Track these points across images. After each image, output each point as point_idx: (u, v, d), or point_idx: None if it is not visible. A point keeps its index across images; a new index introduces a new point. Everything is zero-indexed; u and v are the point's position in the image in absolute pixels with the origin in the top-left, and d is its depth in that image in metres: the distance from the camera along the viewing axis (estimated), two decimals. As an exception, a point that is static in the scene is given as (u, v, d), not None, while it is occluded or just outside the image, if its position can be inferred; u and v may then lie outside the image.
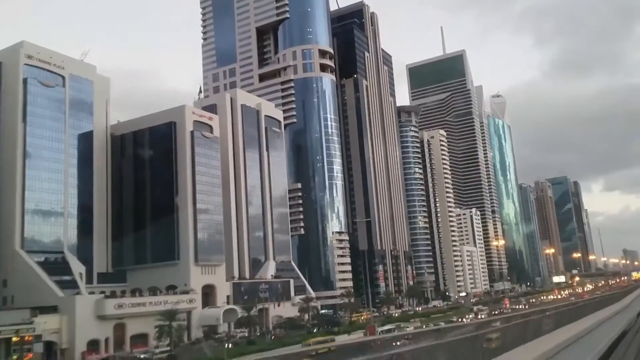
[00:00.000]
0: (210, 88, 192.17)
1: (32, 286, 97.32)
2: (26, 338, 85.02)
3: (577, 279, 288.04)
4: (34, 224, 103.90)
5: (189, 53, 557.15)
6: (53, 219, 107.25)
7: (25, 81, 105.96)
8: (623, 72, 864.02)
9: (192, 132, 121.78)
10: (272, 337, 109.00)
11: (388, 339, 17.95)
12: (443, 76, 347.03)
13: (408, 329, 79.59)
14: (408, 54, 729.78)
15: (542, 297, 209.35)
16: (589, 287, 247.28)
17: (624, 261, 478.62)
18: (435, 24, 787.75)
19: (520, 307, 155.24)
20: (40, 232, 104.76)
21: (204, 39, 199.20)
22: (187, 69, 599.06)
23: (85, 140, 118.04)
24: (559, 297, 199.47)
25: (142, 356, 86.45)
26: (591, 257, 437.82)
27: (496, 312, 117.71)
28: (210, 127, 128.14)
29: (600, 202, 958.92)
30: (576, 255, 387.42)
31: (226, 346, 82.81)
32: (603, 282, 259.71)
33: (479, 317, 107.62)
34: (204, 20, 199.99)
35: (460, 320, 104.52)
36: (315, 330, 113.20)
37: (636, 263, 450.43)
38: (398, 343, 15.96)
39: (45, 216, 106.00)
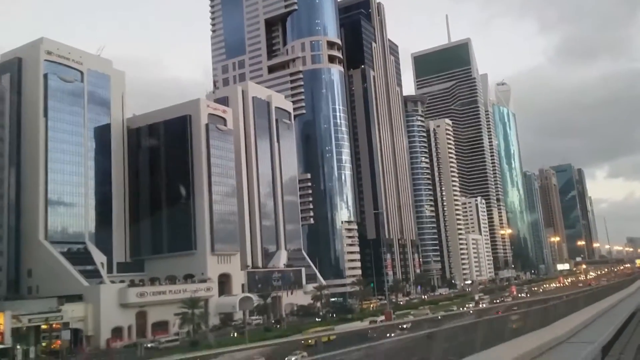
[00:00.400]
0: (220, 79, 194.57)
1: (56, 276, 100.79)
2: (54, 326, 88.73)
3: (583, 266, 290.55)
4: (57, 215, 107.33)
5: (191, 42, 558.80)
6: (74, 211, 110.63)
7: (45, 77, 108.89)
8: (627, 58, 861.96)
9: (207, 125, 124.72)
10: (278, 325, 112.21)
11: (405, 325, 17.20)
12: (448, 65, 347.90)
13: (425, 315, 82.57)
14: (412, 41, 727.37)
15: (545, 285, 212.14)
16: (592, 274, 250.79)
17: (628, 248, 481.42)
18: (439, 11, 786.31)
19: (522, 295, 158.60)
20: (62, 224, 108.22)
21: (213, 31, 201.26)
22: (190, 58, 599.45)
23: (103, 134, 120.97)
24: (564, 284, 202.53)
25: (148, 345, 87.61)
26: (595, 245, 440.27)
27: (497, 301, 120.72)
28: (224, 119, 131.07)
29: (604, 188, 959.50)
30: (580, 243, 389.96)
31: (246, 332, 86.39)
32: (606, 269, 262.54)
33: (481, 305, 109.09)
34: (212, 12, 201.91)
35: (460, 309, 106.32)
36: (328, 317, 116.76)
37: (639, 250, 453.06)
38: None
39: (67, 208, 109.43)
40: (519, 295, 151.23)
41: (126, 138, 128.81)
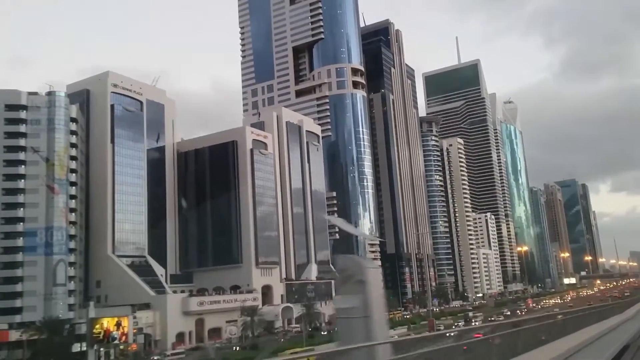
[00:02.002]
0: (250, 102, 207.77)
1: (124, 286, 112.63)
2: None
3: (597, 281, 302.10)
4: (122, 231, 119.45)
5: (197, 54, 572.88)
6: (136, 227, 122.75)
7: (112, 107, 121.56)
8: (632, 73, 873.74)
9: (251, 150, 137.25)
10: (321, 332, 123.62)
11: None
12: (458, 84, 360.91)
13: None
14: (421, 59, 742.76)
15: (552, 300, 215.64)
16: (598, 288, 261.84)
17: (632, 263, 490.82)
18: (445, 27, 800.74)
19: (537, 307, 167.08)
20: (126, 239, 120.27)
21: (243, 57, 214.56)
22: (197, 70, 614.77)
23: (158, 157, 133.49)
24: (570, 298, 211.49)
25: (155, 358, 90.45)
26: (601, 260, 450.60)
27: (492, 319, 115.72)
28: (265, 144, 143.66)
29: (607, 203, 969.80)
30: (587, 258, 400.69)
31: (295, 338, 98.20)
32: (615, 283, 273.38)
33: (473, 323, 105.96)
34: (242, 39, 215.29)
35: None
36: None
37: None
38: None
39: (130, 224, 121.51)
40: (534, 307, 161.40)
41: (176, 161, 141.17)
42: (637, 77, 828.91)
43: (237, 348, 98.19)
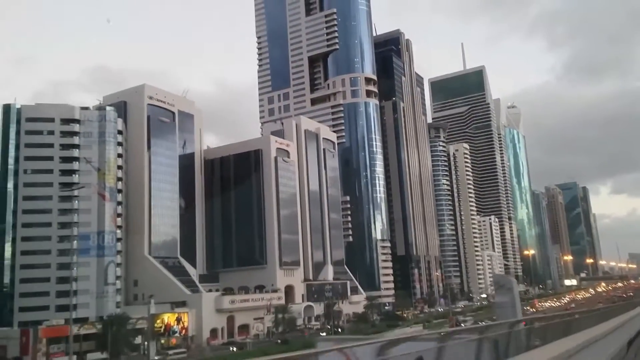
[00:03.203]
0: (266, 110, 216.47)
1: (160, 285, 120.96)
2: (167, 326, 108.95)
3: (602, 283, 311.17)
4: (157, 234, 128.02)
5: (199, 55, 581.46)
6: (169, 230, 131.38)
7: (148, 118, 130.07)
8: (634, 75, 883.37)
9: (275, 158, 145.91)
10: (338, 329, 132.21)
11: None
12: (463, 90, 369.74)
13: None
14: (422, 61, 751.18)
15: (560, 301, 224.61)
16: (599, 289, 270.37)
17: (631, 265, 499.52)
18: (449, 30, 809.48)
19: (545, 305, 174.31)
20: (161, 241, 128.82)
21: (259, 65, 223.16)
22: (199, 70, 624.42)
23: (187, 164, 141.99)
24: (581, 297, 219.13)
25: (156, 358, 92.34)
26: (602, 262, 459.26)
27: (483, 322, 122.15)
28: (288, 152, 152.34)
29: (607, 204, 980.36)
30: (588, 260, 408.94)
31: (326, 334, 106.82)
32: (616, 284, 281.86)
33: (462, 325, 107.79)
34: (259, 48, 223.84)
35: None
36: (378, 324, 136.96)
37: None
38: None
39: (164, 227, 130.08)
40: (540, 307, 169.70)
41: (203, 168, 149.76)
42: (637, 79, 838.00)
43: (276, 342, 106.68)
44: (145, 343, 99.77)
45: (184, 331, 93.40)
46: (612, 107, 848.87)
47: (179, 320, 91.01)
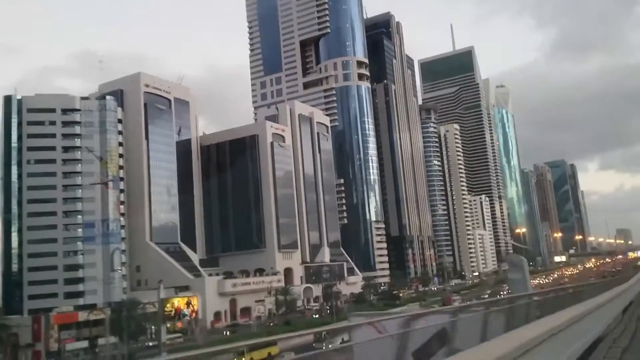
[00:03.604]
0: (258, 94, 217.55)
1: (162, 270, 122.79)
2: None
3: (592, 259, 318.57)
4: (158, 220, 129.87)
5: (188, 39, 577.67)
6: (169, 216, 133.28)
7: (145, 106, 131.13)
8: (621, 52, 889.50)
9: (271, 143, 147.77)
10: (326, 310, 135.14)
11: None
12: (453, 71, 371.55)
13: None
14: (411, 41, 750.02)
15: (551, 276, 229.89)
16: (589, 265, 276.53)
17: (619, 240, 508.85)
18: (437, 9, 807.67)
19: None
20: (162, 227, 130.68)
21: (251, 50, 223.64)
22: (187, 55, 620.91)
23: (184, 151, 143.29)
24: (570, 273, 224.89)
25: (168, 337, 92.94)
26: (590, 238, 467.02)
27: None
28: (283, 137, 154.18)
29: (595, 181, 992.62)
30: (577, 237, 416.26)
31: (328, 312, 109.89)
32: (604, 260, 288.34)
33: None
34: (250, 33, 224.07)
35: None
36: (376, 303, 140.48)
37: (630, 242, 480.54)
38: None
39: (164, 213, 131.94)
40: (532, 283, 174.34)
41: (199, 154, 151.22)
42: (627, 56, 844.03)
43: (272, 324, 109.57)
44: (152, 327, 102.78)
45: (194, 314, 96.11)
46: (599, 84, 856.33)
47: (188, 304, 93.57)
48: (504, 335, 11.39)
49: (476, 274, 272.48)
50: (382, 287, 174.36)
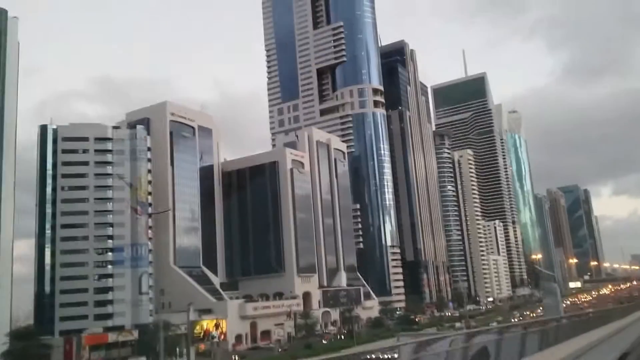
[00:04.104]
0: (276, 120, 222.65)
1: (185, 294, 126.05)
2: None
3: (609, 285, 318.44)
4: (181, 244, 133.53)
5: (203, 64, 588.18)
6: (192, 241, 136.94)
7: (171, 134, 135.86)
8: (633, 76, 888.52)
9: (291, 170, 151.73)
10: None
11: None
12: (465, 96, 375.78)
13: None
14: (424, 65, 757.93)
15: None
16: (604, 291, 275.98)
17: (634, 267, 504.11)
18: (449, 34, 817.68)
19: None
20: (185, 251, 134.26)
21: (269, 77, 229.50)
22: (199, 79, 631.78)
23: (207, 177, 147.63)
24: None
25: None
26: (605, 264, 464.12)
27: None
28: (302, 163, 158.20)
29: (608, 206, 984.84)
30: (592, 263, 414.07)
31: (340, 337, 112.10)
32: (621, 286, 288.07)
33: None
34: (268, 60, 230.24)
35: None
36: (393, 328, 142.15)
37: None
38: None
39: (188, 237, 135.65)
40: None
41: (221, 179, 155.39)
42: (638, 79, 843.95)
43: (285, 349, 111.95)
44: (177, 349, 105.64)
45: (222, 336, 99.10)
46: (612, 108, 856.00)
47: (217, 326, 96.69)
48: (559, 345, 14.48)
49: (490, 299, 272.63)
50: (397, 312, 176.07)
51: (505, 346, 15.97)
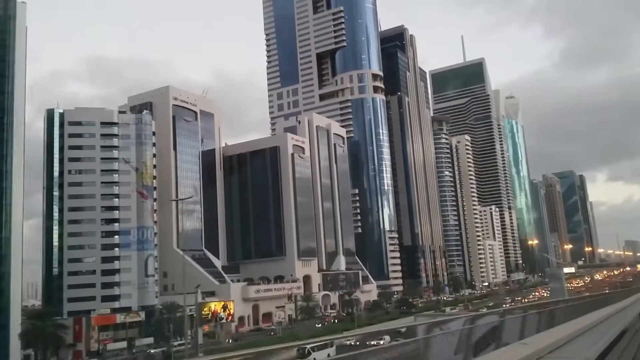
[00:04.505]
0: (275, 105, 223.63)
1: (188, 276, 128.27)
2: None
3: (604, 271, 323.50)
4: (184, 228, 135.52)
5: (196, 45, 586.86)
6: (194, 224, 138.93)
7: (174, 118, 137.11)
8: (630, 63, 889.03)
9: (292, 155, 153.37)
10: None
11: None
12: (464, 82, 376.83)
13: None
14: (422, 51, 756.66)
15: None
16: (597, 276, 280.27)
17: (627, 252, 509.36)
18: (447, 19, 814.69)
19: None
20: (187, 235, 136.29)
21: (269, 62, 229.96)
22: (196, 60, 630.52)
23: (208, 161, 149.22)
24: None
25: (151, 351, 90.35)
26: (600, 250, 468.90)
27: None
28: (303, 148, 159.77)
29: (604, 192, 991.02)
30: (587, 248, 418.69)
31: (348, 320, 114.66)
32: (615, 272, 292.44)
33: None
34: (268, 45, 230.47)
35: None
36: (392, 311, 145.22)
37: (639, 254, 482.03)
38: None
39: (190, 221, 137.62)
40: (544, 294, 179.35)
41: (222, 164, 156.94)
42: (634, 67, 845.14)
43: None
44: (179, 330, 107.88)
45: (229, 317, 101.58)
46: (608, 94, 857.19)
47: (225, 307, 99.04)
48: (562, 326, 16.51)
49: (486, 284, 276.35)
50: (395, 296, 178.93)
51: (520, 324, 17.71)
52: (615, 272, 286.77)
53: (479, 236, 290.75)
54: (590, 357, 14.37)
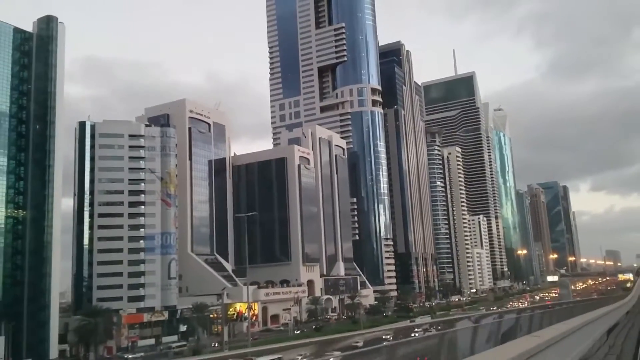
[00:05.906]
0: (277, 115, 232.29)
1: (201, 279, 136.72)
2: (212, 316, 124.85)
3: (589, 281, 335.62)
4: (197, 234, 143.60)
5: (189, 48, 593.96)
6: (207, 230, 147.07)
7: (190, 130, 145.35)
8: (617, 75, 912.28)
9: (299, 165, 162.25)
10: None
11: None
12: (454, 94, 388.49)
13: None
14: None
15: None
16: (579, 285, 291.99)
17: (608, 262, 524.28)
18: (438, 30, 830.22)
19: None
20: (200, 240, 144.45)
21: (271, 73, 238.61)
22: (189, 63, 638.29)
23: (220, 170, 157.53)
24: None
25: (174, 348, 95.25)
26: (582, 259, 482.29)
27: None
28: (308, 159, 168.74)
29: (586, 201, 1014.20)
30: (570, 258, 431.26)
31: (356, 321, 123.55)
32: (596, 280, 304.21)
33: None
34: (271, 57, 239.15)
35: None
36: (390, 315, 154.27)
37: (619, 264, 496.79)
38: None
39: (203, 227, 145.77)
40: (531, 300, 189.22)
41: (231, 172, 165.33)
42: (623, 78, 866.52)
43: (298, 331, 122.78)
44: (200, 329, 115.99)
45: (254, 317, 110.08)
46: (594, 106, 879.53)
47: (249, 308, 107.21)
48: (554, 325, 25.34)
49: (473, 290, 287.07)
50: (390, 301, 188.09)
51: (533, 320, 26.06)
52: (601, 280, 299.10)
53: (467, 244, 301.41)
54: (595, 338, 23.27)
